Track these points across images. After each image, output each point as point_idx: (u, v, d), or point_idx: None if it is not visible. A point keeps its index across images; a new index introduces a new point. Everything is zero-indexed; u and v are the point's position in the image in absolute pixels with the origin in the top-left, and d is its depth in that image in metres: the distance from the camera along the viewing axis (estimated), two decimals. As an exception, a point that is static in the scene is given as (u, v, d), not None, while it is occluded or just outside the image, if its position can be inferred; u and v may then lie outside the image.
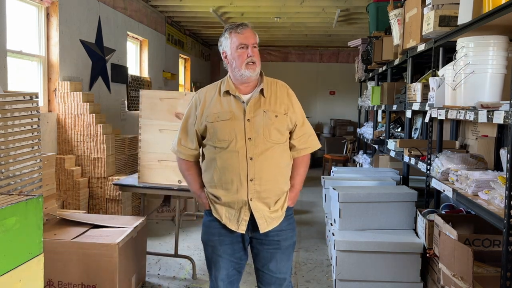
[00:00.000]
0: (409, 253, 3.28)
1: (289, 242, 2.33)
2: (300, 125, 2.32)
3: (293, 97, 2.33)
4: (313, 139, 2.37)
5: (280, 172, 2.24)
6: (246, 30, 2.21)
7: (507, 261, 2.05)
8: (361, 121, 8.32)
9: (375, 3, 5.94)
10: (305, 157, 2.36)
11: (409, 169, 4.30)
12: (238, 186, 2.18)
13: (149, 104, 3.72)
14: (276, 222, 2.25)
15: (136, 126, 6.80)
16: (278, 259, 2.30)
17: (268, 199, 2.22)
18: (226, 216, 2.24)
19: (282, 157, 2.26)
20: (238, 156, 2.18)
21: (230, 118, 2.20)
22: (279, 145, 2.23)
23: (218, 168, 2.22)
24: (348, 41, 7.38)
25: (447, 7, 3.01)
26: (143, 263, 3.67)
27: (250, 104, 2.22)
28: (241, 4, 7.64)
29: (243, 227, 2.22)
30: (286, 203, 2.29)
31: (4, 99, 2.75)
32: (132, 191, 3.99)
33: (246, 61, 2.19)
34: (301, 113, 2.34)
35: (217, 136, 2.21)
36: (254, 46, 2.23)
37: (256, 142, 2.18)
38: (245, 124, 2.19)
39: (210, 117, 2.23)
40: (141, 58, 7.95)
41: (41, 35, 4.93)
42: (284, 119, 2.24)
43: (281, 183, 2.25)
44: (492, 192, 2.31)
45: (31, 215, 2.05)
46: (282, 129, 2.24)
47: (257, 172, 2.18)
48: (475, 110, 2.32)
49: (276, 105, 2.25)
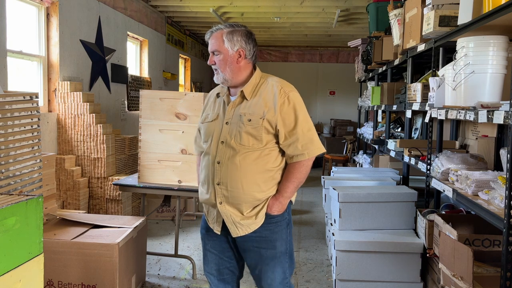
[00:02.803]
0: (409, 253, 3.28)
1: (271, 252, 2.19)
2: (289, 129, 2.12)
3: (283, 98, 2.11)
4: (307, 144, 2.14)
5: (250, 178, 2.11)
6: (210, 38, 2.16)
7: (507, 261, 2.04)
8: (361, 121, 8.32)
9: (375, 3, 5.94)
10: (297, 164, 2.16)
11: (409, 169, 4.31)
12: (209, 188, 2.21)
13: (149, 104, 3.73)
14: (249, 229, 2.16)
15: (136, 126, 6.82)
16: (261, 269, 2.23)
17: (238, 205, 2.15)
18: (207, 214, 2.31)
19: (257, 163, 2.12)
20: (209, 158, 2.19)
21: (214, 119, 2.23)
22: (254, 151, 2.11)
23: (200, 168, 2.31)
24: (348, 41, 7.38)
25: (447, 7, 3.01)
26: (143, 263, 3.67)
27: (229, 106, 2.19)
28: (241, 4, 7.64)
29: (218, 228, 2.23)
30: (264, 210, 2.16)
31: (4, 99, 2.75)
32: (132, 191, 3.98)
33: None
34: (294, 115, 2.12)
35: (202, 136, 2.30)
36: (214, 52, 2.14)
37: (227, 146, 2.13)
38: (223, 127, 2.17)
39: (202, 118, 2.32)
40: (141, 58, 7.95)
41: (41, 35, 4.93)
42: (259, 123, 2.09)
43: (252, 190, 2.12)
44: (492, 192, 2.31)
45: (31, 215, 2.05)
46: (257, 133, 2.09)
47: (223, 177, 2.13)
48: (475, 110, 2.32)
49: (256, 107, 2.11)
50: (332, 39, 10.84)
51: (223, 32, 2.13)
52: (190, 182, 3.70)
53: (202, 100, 3.64)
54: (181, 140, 3.69)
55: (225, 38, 2.12)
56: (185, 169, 3.70)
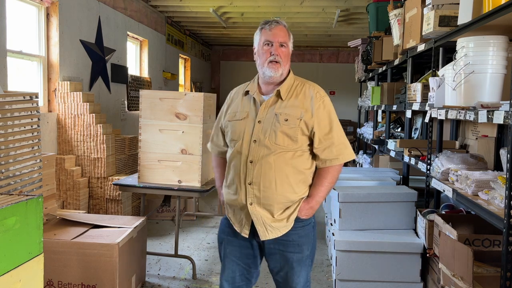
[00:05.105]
0: (409, 253, 3.28)
1: (298, 256, 2.16)
2: (325, 133, 2.12)
3: (320, 101, 2.13)
4: (341, 149, 2.14)
5: (284, 179, 2.09)
6: (275, 27, 2.11)
7: (507, 261, 2.04)
8: (361, 121, 8.33)
9: (375, 3, 5.94)
10: (330, 168, 2.15)
11: (409, 169, 4.30)
12: (238, 189, 2.14)
13: (149, 104, 3.72)
14: (279, 232, 2.12)
15: (136, 126, 6.81)
16: (286, 273, 2.19)
17: (270, 206, 2.10)
18: (233, 217, 2.21)
19: (290, 164, 2.10)
20: (240, 158, 2.12)
21: (244, 118, 2.16)
22: (287, 151, 2.09)
23: (228, 168, 2.22)
24: (348, 41, 7.38)
25: (447, 7, 3.01)
26: (143, 263, 3.67)
27: (264, 105, 2.13)
28: (241, 4, 7.64)
29: (246, 231, 2.15)
30: (295, 213, 2.13)
31: (4, 99, 2.75)
32: (132, 191, 3.98)
33: (268, 59, 2.10)
34: (329, 120, 2.14)
35: (230, 135, 2.20)
36: (282, 45, 2.12)
37: (260, 145, 2.08)
38: (255, 126, 2.11)
39: (229, 116, 2.23)
40: (141, 58, 7.95)
41: (41, 35, 4.93)
42: (296, 124, 2.08)
43: (285, 191, 2.09)
44: (492, 192, 2.31)
45: (31, 215, 2.05)
46: (293, 134, 2.08)
47: (256, 177, 2.08)
48: (475, 110, 2.32)
49: (292, 108, 2.10)
50: (332, 39, 10.85)
51: (286, 27, 2.16)
52: (190, 182, 3.70)
53: (202, 100, 3.64)
54: (181, 140, 3.69)
55: (289, 33, 2.16)
56: (185, 169, 3.70)
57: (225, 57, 12.92)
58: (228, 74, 12.89)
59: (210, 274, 3.89)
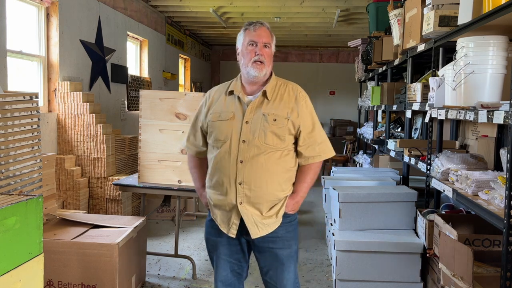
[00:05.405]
0: (409, 253, 3.28)
1: (287, 252, 2.23)
2: (308, 131, 2.20)
3: (303, 101, 2.21)
4: (323, 147, 2.24)
5: (274, 178, 2.14)
6: (259, 28, 2.16)
7: (507, 261, 2.04)
8: (361, 121, 8.33)
9: (375, 3, 5.94)
10: (312, 165, 2.25)
11: (409, 169, 4.31)
12: (227, 189, 2.15)
13: (149, 104, 3.73)
14: (269, 228, 2.18)
15: (136, 126, 6.82)
16: (276, 269, 2.24)
17: (259, 204, 2.14)
18: (220, 217, 2.22)
19: (279, 163, 2.15)
20: (229, 158, 2.14)
21: (229, 118, 2.17)
22: (276, 151, 2.14)
23: (213, 168, 2.21)
24: (348, 41, 7.38)
25: (447, 7, 3.01)
26: (143, 263, 3.67)
27: (251, 105, 2.16)
28: (241, 4, 7.64)
29: (234, 231, 2.18)
30: (283, 209, 2.20)
31: (4, 99, 2.75)
32: (132, 191, 3.99)
33: (253, 59, 2.14)
34: (311, 119, 2.22)
35: (215, 135, 2.20)
36: (266, 45, 2.16)
37: (249, 145, 2.11)
38: (242, 126, 2.13)
39: (212, 116, 2.22)
40: (141, 58, 7.95)
41: (41, 35, 4.93)
42: (284, 123, 2.14)
43: (275, 189, 2.15)
44: (492, 192, 2.31)
45: (31, 215, 2.05)
46: (281, 133, 2.14)
47: (246, 176, 2.11)
48: (475, 110, 2.32)
49: (279, 108, 2.16)
50: (332, 39, 10.85)
51: (269, 29, 2.21)
52: (190, 182, 3.69)
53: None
54: (181, 140, 3.67)
55: (272, 34, 2.21)
56: (185, 169, 3.69)
57: (225, 57, 12.93)
58: (228, 74, 12.88)
59: (210, 274, 3.89)
